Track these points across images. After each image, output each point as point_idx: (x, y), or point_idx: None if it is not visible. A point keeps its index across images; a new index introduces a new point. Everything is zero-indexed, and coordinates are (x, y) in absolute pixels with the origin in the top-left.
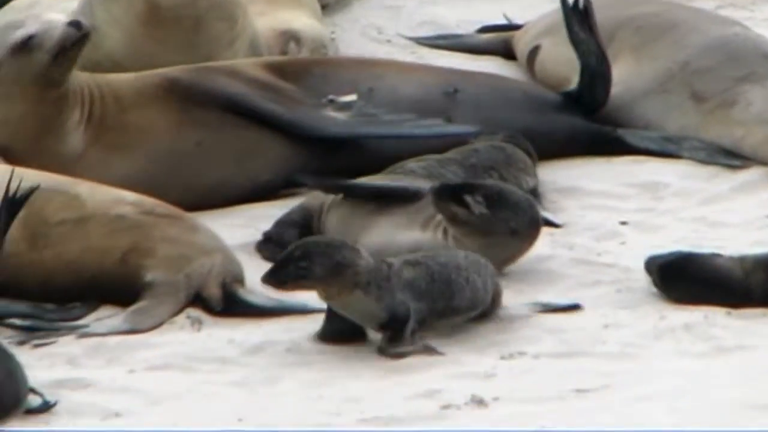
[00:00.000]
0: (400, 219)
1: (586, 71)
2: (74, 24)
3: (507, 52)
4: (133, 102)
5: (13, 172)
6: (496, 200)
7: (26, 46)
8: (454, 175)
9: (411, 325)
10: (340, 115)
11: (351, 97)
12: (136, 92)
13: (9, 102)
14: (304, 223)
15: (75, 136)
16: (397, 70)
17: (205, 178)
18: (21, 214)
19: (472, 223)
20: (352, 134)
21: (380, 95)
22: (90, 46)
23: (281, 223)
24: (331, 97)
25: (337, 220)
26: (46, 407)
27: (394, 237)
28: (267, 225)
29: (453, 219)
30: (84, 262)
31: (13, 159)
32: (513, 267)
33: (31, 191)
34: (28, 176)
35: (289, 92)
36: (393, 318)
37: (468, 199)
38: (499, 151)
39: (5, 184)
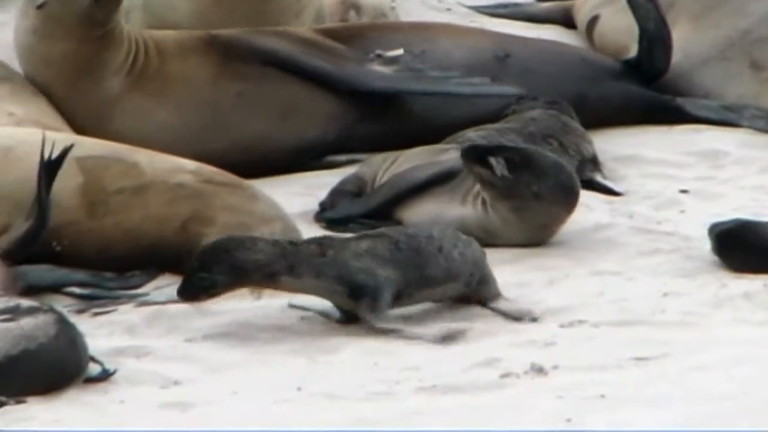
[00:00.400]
0: (442, 195)
1: (644, 36)
2: None
3: (567, 21)
4: (174, 53)
5: (44, 135)
6: (519, 164)
7: None
8: (514, 144)
9: (385, 291)
10: (385, 70)
11: (398, 52)
12: (177, 44)
13: (53, 40)
14: (357, 192)
15: (114, 81)
16: (450, 34)
17: (247, 130)
18: (79, 182)
19: (496, 185)
20: (396, 89)
21: (432, 58)
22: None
23: (335, 192)
24: (378, 52)
25: None
26: (105, 375)
27: (439, 213)
28: (326, 193)
29: (480, 180)
30: (143, 231)
31: (53, 102)
32: (572, 236)
33: (66, 152)
34: (85, 144)
35: (336, 50)
36: (355, 286)
37: (492, 160)
38: (556, 118)
39: (53, 149)
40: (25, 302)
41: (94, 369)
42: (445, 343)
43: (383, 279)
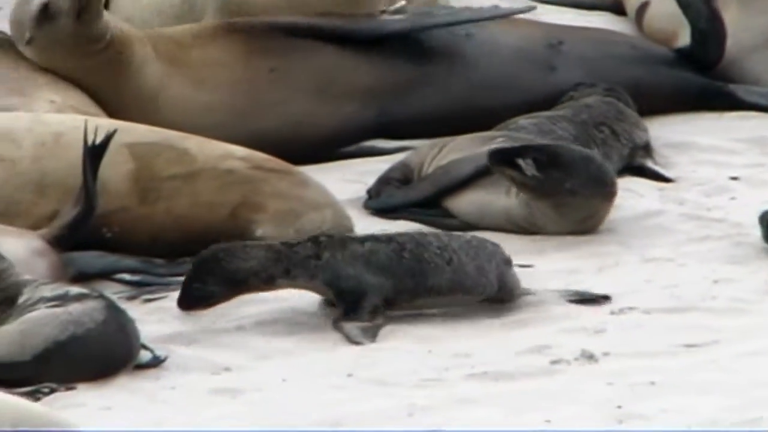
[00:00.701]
0: (488, 186)
1: (696, 33)
2: None
3: (616, 8)
4: (194, 42)
5: (87, 121)
6: (547, 162)
7: (46, 15)
8: (565, 132)
9: (366, 301)
10: (396, 17)
11: (401, 3)
12: (192, 35)
13: (62, 62)
14: (404, 180)
15: (150, 67)
16: (501, 21)
17: (290, 106)
18: (130, 168)
19: (529, 185)
20: (410, 28)
21: (479, 41)
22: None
23: (382, 180)
24: (382, 8)
25: None
26: (155, 362)
27: (484, 204)
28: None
29: (513, 182)
30: (194, 217)
31: (105, 105)
32: (622, 222)
33: (110, 137)
34: (136, 130)
35: (345, 15)
36: (340, 292)
37: (520, 162)
38: (611, 106)
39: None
40: (74, 289)
41: (144, 355)
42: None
43: (368, 287)
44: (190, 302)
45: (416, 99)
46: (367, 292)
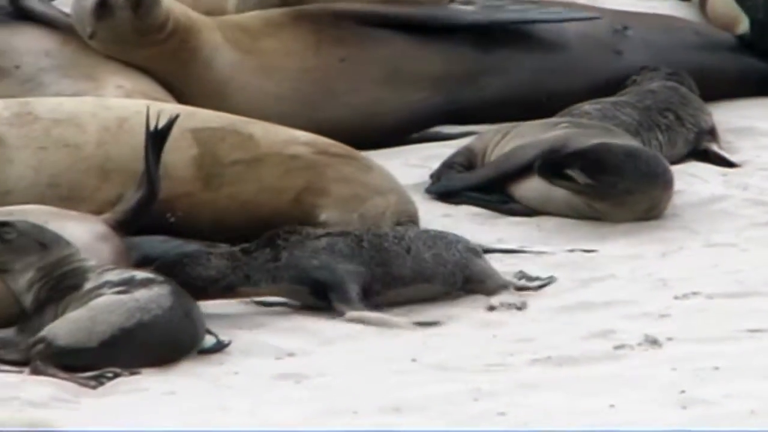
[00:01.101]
0: None
1: (754, 24)
2: None
3: None
4: (262, 30)
5: (149, 105)
6: (596, 168)
7: (104, 9)
8: (629, 117)
9: (350, 283)
10: (468, 7)
11: None
12: (263, 22)
13: (126, 53)
14: (468, 165)
15: (220, 55)
16: (566, 8)
17: (355, 96)
18: (194, 153)
19: (583, 192)
20: (483, 21)
21: (545, 26)
22: None
23: (445, 165)
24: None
25: None
26: (219, 347)
27: (546, 191)
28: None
29: (568, 190)
30: (258, 202)
31: (174, 92)
32: (686, 208)
33: (173, 122)
34: (200, 115)
35: (411, 1)
36: (315, 284)
37: (570, 173)
38: (674, 91)
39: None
40: (140, 274)
41: (208, 340)
42: (423, 328)
43: (344, 272)
44: None
45: (483, 85)
46: (345, 277)
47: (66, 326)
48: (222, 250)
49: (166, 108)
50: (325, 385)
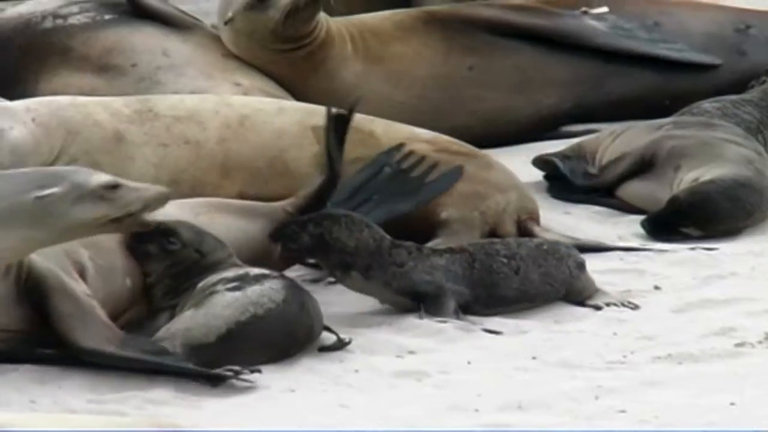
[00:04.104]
0: (652, 177)
1: None
2: None
3: None
4: (394, 35)
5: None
6: (706, 222)
7: (262, 2)
8: (749, 116)
9: (449, 298)
10: (600, 26)
11: (603, 9)
12: (395, 27)
13: (252, 52)
14: (577, 159)
15: (346, 67)
16: (689, 8)
17: (486, 103)
18: (316, 151)
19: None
20: (614, 47)
21: (666, 29)
22: None
23: (557, 155)
24: (584, 8)
25: None
26: (340, 345)
27: (650, 193)
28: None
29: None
30: None
31: (295, 95)
32: None
33: (355, 104)
34: (321, 113)
35: (544, 8)
36: (418, 295)
37: (684, 230)
38: None
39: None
40: (255, 270)
41: (329, 338)
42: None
43: (447, 289)
44: (278, 237)
45: (610, 88)
46: (446, 293)
47: (181, 324)
48: (378, 233)
49: (288, 106)
50: (446, 383)
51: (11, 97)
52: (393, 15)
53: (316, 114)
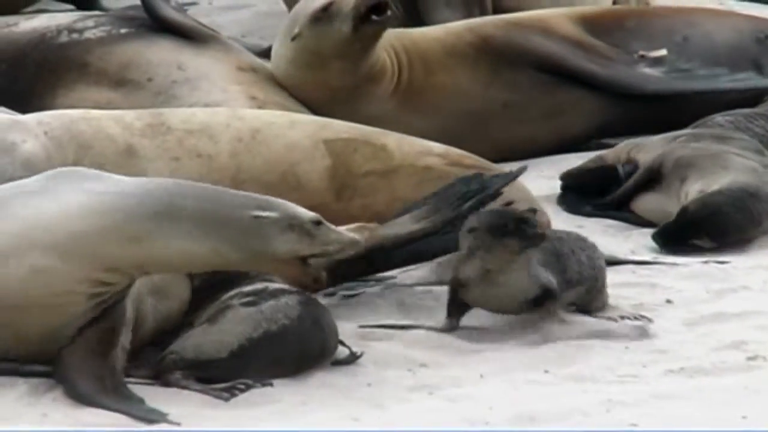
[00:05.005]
0: (661, 190)
1: None
2: None
3: None
4: (442, 63)
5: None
6: (717, 234)
7: (326, 12)
8: (762, 129)
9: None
10: (654, 72)
11: (661, 52)
12: (445, 53)
13: (308, 71)
14: (597, 171)
15: (383, 102)
16: (711, 16)
17: (511, 135)
18: (327, 164)
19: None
20: (669, 90)
21: (695, 43)
22: None
23: (575, 174)
24: (641, 53)
25: None
26: (352, 359)
27: (659, 205)
28: None
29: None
30: (390, 214)
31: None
32: None
33: (519, 173)
34: (333, 126)
35: (600, 49)
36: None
37: (697, 243)
38: None
39: None
40: (273, 285)
41: (341, 351)
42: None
43: (557, 285)
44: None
45: (635, 110)
46: (558, 290)
47: (194, 339)
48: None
49: (301, 119)
50: (458, 396)
51: (28, 112)
52: (447, 35)
53: (329, 127)
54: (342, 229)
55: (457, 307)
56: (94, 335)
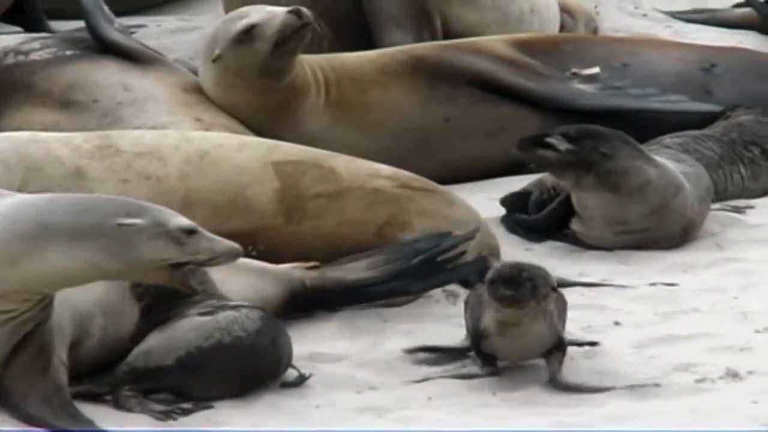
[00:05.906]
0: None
1: None
2: (295, 12)
3: (763, 27)
4: (374, 80)
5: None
6: (576, 135)
7: (248, 35)
8: (710, 151)
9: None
10: (588, 88)
11: (594, 70)
12: (377, 71)
13: (234, 91)
14: (538, 194)
15: (314, 119)
16: (652, 46)
17: (456, 153)
18: (276, 187)
19: (566, 161)
20: (602, 107)
21: (635, 71)
22: None
23: (517, 195)
24: (574, 70)
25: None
26: (301, 380)
27: None
28: None
29: (550, 165)
30: (340, 236)
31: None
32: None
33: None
34: (282, 149)
35: (534, 66)
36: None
37: (551, 140)
38: (765, 126)
39: None
40: (234, 302)
41: (290, 374)
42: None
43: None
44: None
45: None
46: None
47: (144, 345)
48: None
49: (250, 141)
50: (407, 419)
51: None
52: (379, 57)
53: (278, 150)
54: (220, 238)
55: (484, 356)
56: (26, 356)
